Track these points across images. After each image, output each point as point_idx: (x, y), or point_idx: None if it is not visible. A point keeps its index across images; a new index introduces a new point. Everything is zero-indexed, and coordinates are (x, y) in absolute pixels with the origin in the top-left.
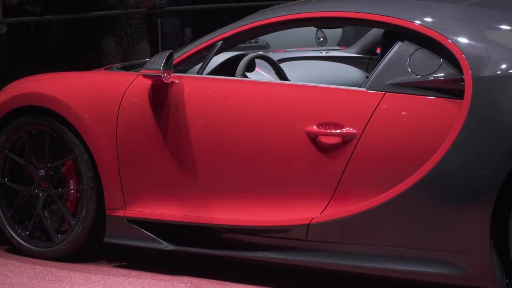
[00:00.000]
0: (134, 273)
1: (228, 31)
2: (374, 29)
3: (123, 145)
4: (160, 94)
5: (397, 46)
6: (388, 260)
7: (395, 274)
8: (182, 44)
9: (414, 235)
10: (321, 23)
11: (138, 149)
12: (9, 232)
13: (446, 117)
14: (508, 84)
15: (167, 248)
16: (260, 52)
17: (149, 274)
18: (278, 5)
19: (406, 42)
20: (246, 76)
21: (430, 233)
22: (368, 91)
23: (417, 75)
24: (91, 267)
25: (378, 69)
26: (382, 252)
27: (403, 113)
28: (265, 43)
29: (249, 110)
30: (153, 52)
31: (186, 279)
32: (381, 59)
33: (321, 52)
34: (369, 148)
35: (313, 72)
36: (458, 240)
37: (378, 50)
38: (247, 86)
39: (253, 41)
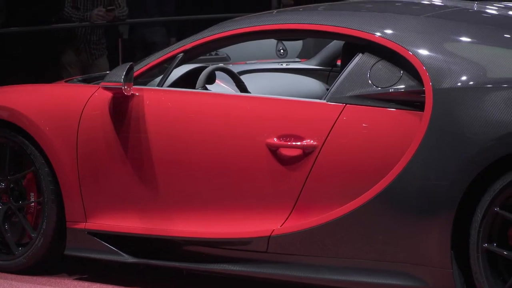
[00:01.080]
0: (95, 285)
1: (188, 43)
2: (335, 41)
3: (83, 157)
4: (120, 106)
5: (357, 58)
6: (350, 272)
7: (356, 286)
8: None
9: (376, 247)
10: (281, 35)
11: (99, 162)
12: None
13: (407, 129)
14: (468, 95)
15: (128, 260)
16: (221, 64)
17: (110, 286)
18: (239, 17)
19: (366, 54)
20: (206, 89)
21: (391, 245)
22: (329, 103)
23: (377, 87)
24: (52, 280)
25: (338, 81)
26: (343, 264)
27: (363, 125)
28: (225, 55)
29: (210, 122)
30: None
31: None
32: (341, 71)
33: (282, 64)
34: (329, 160)
35: (274, 84)
36: (419, 252)
37: (339, 62)
38: (208, 98)
39: (213, 53)
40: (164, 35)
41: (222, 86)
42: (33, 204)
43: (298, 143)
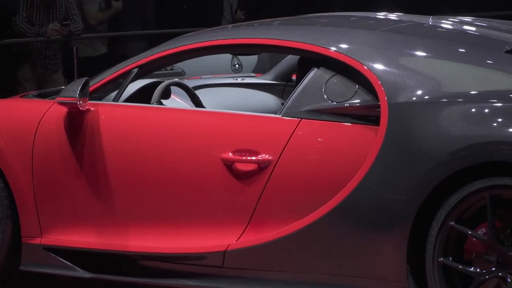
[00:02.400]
0: None
1: (143, 58)
2: (290, 55)
3: (38, 172)
4: (75, 121)
5: (312, 73)
6: (305, 287)
7: None
8: None
9: (331, 262)
10: (236, 49)
11: (54, 177)
12: None
13: (362, 144)
14: (423, 110)
15: (84, 275)
16: (176, 79)
17: None
18: (193, 32)
19: (321, 69)
20: (161, 103)
21: (347, 259)
22: (284, 117)
23: (332, 101)
24: None
25: (293, 95)
26: (298, 278)
27: (319, 139)
28: (180, 70)
29: (165, 137)
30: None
31: None
32: (296, 86)
33: (237, 79)
34: (285, 175)
35: (229, 99)
36: (375, 266)
37: (294, 77)
38: (163, 113)
39: (168, 68)
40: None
41: (177, 101)
42: None
43: (253, 158)
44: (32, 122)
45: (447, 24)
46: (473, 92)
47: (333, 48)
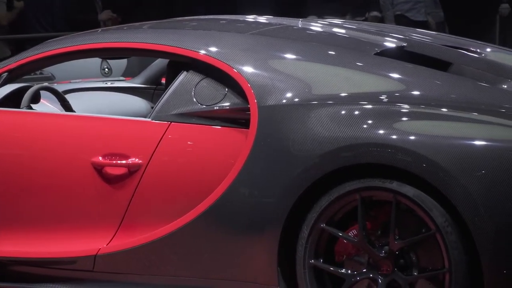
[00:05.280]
0: None
1: (12, 62)
2: (159, 59)
3: None
4: None
5: (182, 76)
6: None
7: None
8: None
9: (202, 265)
10: (106, 53)
11: None
12: None
13: (233, 147)
14: (293, 112)
15: None
16: (45, 84)
17: None
18: (63, 36)
19: (191, 72)
20: (31, 108)
21: (218, 262)
22: (154, 121)
23: (202, 104)
24: None
25: (163, 99)
26: (169, 282)
27: (189, 143)
28: (50, 74)
29: (35, 142)
30: None
31: None
32: (166, 89)
33: (106, 83)
34: (155, 179)
35: (99, 103)
36: (246, 269)
37: (163, 80)
38: (33, 118)
39: (38, 72)
40: None
41: (47, 105)
42: None
43: (123, 161)
44: None
45: (316, 26)
46: (343, 94)
47: (203, 51)
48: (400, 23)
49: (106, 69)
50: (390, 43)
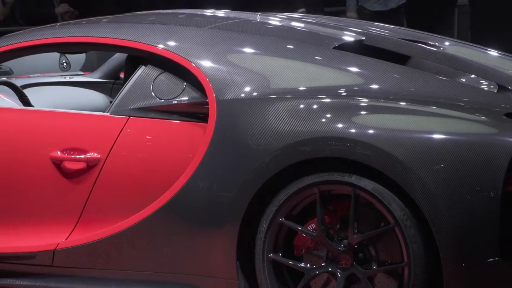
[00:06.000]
0: None
1: None
2: (118, 53)
3: None
4: None
5: (140, 71)
6: (134, 285)
7: None
8: None
9: (161, 259)
10: (64, 48)
11: None
12: None
13: (191, 141)
14: (252, 106)
15: None
16: (3, 78)
17: None
18: (22, 31)
19: (149, 66)
20: None
21: (177, 257)
22: (112, 116)
23: (161, 99)
24: None
25: (121, 93)
26: (129, 276)
27: (147, 137)
28: (8, 69)
29: None
30: None
31: None
32: (124, 84)
33: (65, 78)
34: (113, 173)
35: (57, 98)
36: (205, 263)
37: (122, 75)
38: None
39: None
40: None
41: (5, 100)
42: None
43: (82, 156)
44: None
45: (275, 21)
46: (301, 88)
47: (161, 46)
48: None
49: (65, 64)
50: (348, 37)
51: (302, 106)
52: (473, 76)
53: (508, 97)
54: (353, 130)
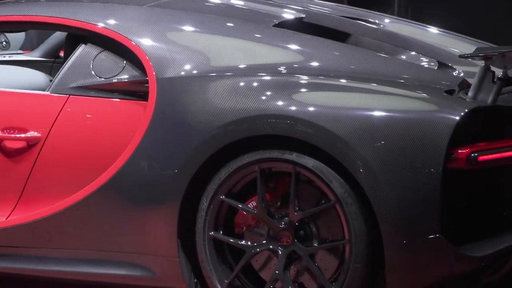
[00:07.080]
0: None
1: None
2: (58, 32)
3: None
4: None
5: (80, 49)
6: (77, 263)
7: (84, 277)
8: None
9: (102, 238)
10: (4, 27)
11: None
12: None
13: (132, 119)
14: (192, 84)
15: None
16: None
17: None
18: None
19: (89, 45)
20: None
21: (118, 235)
22: (52, 94)
23: (100, 77)
24: None
25: (61, 72)
26: (70, 255)
27: (87, 116)
28: None
29: None
30: None
31: None
32: (64, 63)
33: (4, 56)
34: (53, 152)
35: None
36: (146, 242)
37: (62, 54)
38: None
39: None
40: None
41: None
42: None
43: (22, 135)
44: None
45: None
46: (241, 66)
47: (101, 24)
48: None
49: (4, 43)
50: (288, 15)
51: (242, 84)
52: (413, 53)
53: (448, 74)
54: (293, 108)
